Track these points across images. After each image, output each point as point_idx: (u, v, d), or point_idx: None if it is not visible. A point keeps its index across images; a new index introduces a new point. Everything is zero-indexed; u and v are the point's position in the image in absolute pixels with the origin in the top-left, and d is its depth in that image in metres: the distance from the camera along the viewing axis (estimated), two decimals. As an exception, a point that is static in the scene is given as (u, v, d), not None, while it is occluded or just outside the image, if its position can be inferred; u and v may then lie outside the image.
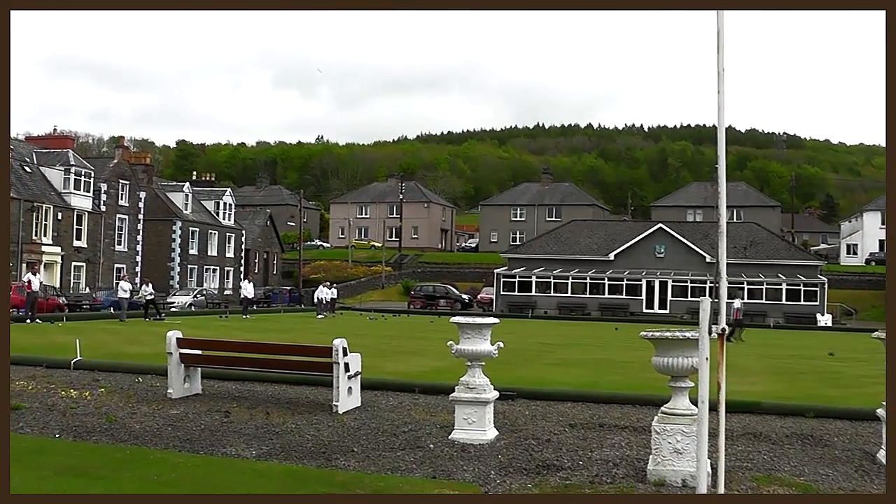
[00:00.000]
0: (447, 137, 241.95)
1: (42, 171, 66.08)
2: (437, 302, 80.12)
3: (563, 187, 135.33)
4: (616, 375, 20.51)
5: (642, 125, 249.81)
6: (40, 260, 58.24)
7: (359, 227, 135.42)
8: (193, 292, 71.18)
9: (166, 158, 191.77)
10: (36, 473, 8.79)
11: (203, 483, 8.52)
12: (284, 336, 33.64)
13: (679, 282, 75.20)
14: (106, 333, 32.40)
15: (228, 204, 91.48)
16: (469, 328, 11.42)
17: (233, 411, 13.36)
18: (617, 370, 22.22)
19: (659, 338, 8.85)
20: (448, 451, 10.60)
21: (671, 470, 8.81)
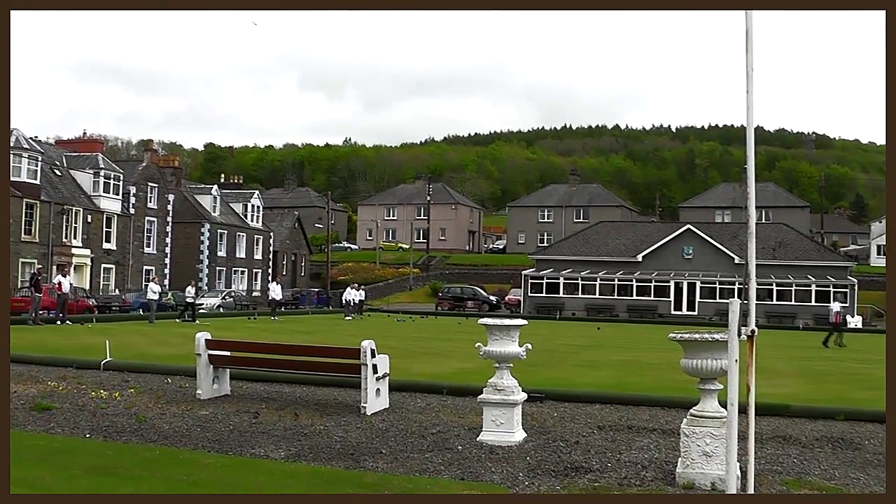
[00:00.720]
0: (474, 139, 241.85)
1: (72, 175, 66.50)
2: (464, 303, 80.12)
3: (590, 188, 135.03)
4: (644, 377, 20.45)
5: (670, 125, 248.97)
6: (70, 262, 58.57)
7: (386, 229, 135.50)
8: (222, 294, 71.43)
9: (194, 161, 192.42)
10: (67, 473, 8.85)
11: (232, 483, 8.55)
12: (312, 338, 33.71)
13: (707, 283, 74.83)
14: (135, 335, 32.59)
15: (256, 206, 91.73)
16: (497, 330, 11.42)
17: (261, 412, 13.40)
18: (645, 372, 22.15)
19: (688, 339, 8.83)
20: (476, 452, 10.60)
21: (700, 473, 8.77)
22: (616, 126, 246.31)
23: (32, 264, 58.24)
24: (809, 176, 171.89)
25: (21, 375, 17.63)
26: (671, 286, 75.97)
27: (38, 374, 18.10)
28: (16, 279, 56.98)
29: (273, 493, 8.25)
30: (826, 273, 74.16)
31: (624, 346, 34.74)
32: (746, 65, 6.91)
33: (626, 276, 77.26)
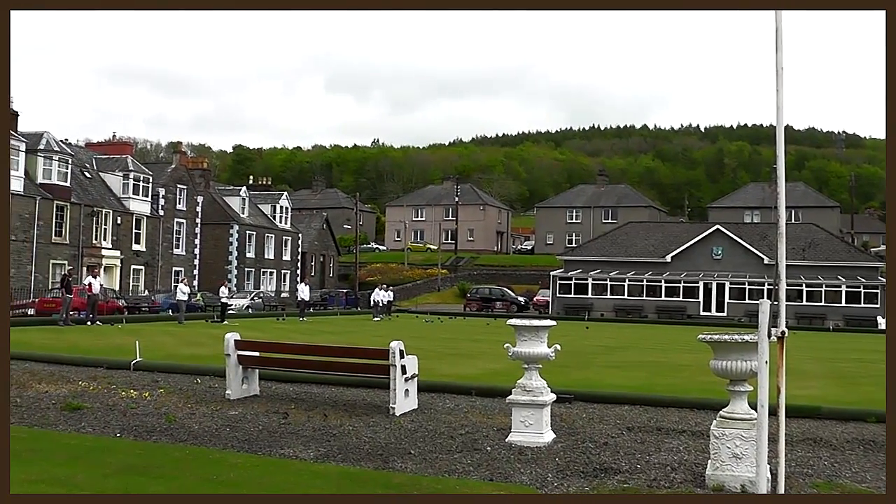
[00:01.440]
0: (502, 140, 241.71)
1: (102, 177, 66.92)
2: (492, 304, 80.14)
3: (619, 189, 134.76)
4: (673, 378, 20.37)
5: (699, 125, 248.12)
6: (100, 263, 58.91)
7: (415, 230, 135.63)
8: (251, 295, 71.68)
9: (223, 163, 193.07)
10: (98, 471, 8.90)
11: (261, 483, 8.57)
12: (341, 338, 33.77)
13: (737, 284, 74.50)
14: (164, 335, 32.72)
15: (285, 207, 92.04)
16: (526, 330, 11.40)
17: (291, 413, 13.43)
18: (674, 373, 22.08)
19: (717, 341, 8.79)
20: (505, 453, 10.59)
21: (730, 475, 8.73)
22: (644, 126, 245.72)
23: (63, 265, 58.61)
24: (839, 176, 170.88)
25: (52, 375, 17.74)
26: (700, 287, 75.71)
27: (68, 374, 18.21)
28: (47, 280, 57.38)
29: (302, 493, 8.28)
30: (856, 273, 73.67)
31: (653, 348, 34.63)
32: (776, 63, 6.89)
33: (654, 277, 77.04)
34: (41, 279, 57.05)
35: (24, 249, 56.11)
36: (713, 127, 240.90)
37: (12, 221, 54.96)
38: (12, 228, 54.99)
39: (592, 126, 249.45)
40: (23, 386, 15.99)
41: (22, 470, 8.80)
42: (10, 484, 8.17)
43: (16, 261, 55.19)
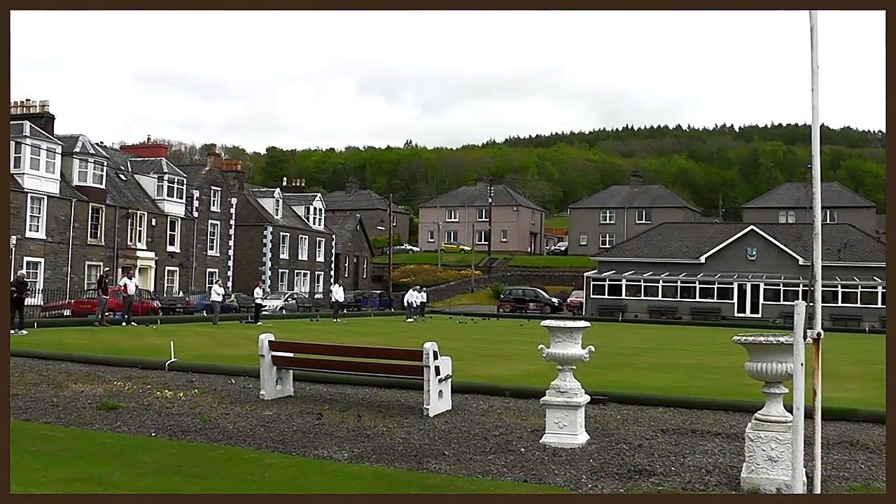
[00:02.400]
0: (535, 140, 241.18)
1: (136, 179, 67.34)
2: (526, 305, 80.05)
3: (652, 189, 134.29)
4: (707, 380, 20.29)
5: (733, 125, 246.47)
6: (135, 265, 59.26)
7: (448, 231, 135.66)
8: (284, 296, 71.89)
9: (256, 165, 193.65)
10: (134, 470, 8.97)
11: (296, 484, 8.60)
12: (375, 340, 33.84)
13: (771, 285, 74.05)
14: (199, 336, 32.89)
15: (318, 209, 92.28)
16: (560, 332, 11.39)
17: (324, 413, 13.47)
18: (708, 375, 22.00)
19: (752, 342, 8.75)
20: (539, 454, 10.59)
21: (765, 478, 8.68)
22: (678, 126, 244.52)
23: (98, 267, 59.00)
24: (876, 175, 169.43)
25: (88, 375, 17.88)
26: (734, 288, 75.32)
27: (104, 374, 18.36)
28: (82, 281, 57.79)
29: (337, 493, 8.30)
30: (893, 275, 72.91)
31: (687, 349, 34.51)
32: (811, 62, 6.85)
33: (688, 278, 76.72)
34: (77, 280, 57.45)
35: (61, 251, 56.52)
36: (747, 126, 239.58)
37: (48, 223, 55.41)
38: (48, 230, 55.42)
39: (626, 126, 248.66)
40: (59, 386, 16.12)
41: (59, 469, 8.89)
42: (48, 482, 8.26)
43: (52, 262, 55.62)
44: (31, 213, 54.20)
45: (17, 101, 60.59)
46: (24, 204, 53.74)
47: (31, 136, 54.84)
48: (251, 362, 17.54)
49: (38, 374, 17.92)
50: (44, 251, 55.10)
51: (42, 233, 55.06)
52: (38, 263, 54.58)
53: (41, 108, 59.88)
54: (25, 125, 55.53)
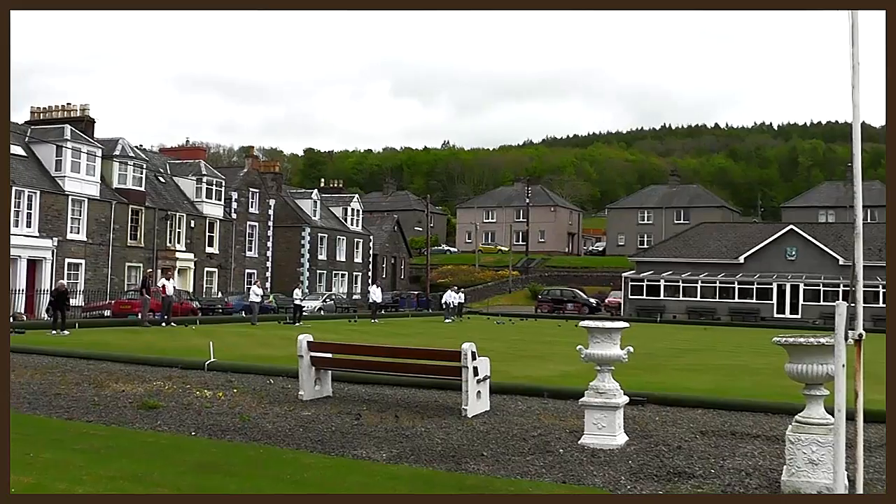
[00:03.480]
0: (572, 140, 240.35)
1: (175, 182, 67.74)
2: (564, 306, 79.87)
3: (690, 189, 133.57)
4: (747, 382, 20.21)
5: (771, 123, 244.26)
6: (174, 266, 59.59)
7: (485, 232, 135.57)
8: (322, 297, 72.09)
9: (294, 166, 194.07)
10: (175, 469, 9.06)
11: (335, 484, 8.64)
12: (413, 340, 33.89)
13: (811, 285, 73.46)
14: (238, 336, 33.09)
15: (356, 210, 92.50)
16: (598, 332, 11.38)
17: (363, 414, 13.52)
18: (748, 376, 21.90)
19: (793, 343, 8.70)
20: (578, 455, 10.58)
21: (806, 481, 8.62)
22: (716, 125, 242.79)
23: (138, 268, 59.42)
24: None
25: (128, 375, 18.04)
26: (774, 288, 74.81)
27: (144, 373, 18.52)
28: (122, 283, 58.20)
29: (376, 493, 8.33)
30: (936, 274, 72.24)
31: (726, 350, 34.36)
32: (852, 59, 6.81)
33: (727, 279, 76.26)
34: (117, 281, 57.84)
35: (101, 253, 56.92)
36: (786, 125, 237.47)
37: (88, 225, 55.81)
38: (89, 232, 55.83)
39: (664, 125, 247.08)
40: (100, 385, 16.27)
41: (101, 466, 8.98)
42: (91, 479, 8.34)
43: (92, 264, 56.02)
44: (71, 216, 54.62)
45: (57, 105, 61.10)
46: (65, 206, 54.18)
47: (72, 140, 55.28)
48: (290, 363, 17.62)
49: (79, 374, 18.09)
50: (84, 253, 55.49)
51: (83, 235, 55.46)
52: (79, 265, 54.98)
53: (82, 111, 60.29)
54: (66, 128, 56.01)
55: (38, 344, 25.34)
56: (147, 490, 8.09)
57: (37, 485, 8.08)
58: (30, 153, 54.75)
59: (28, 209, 51.36)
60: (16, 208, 50.52)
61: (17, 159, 53.06)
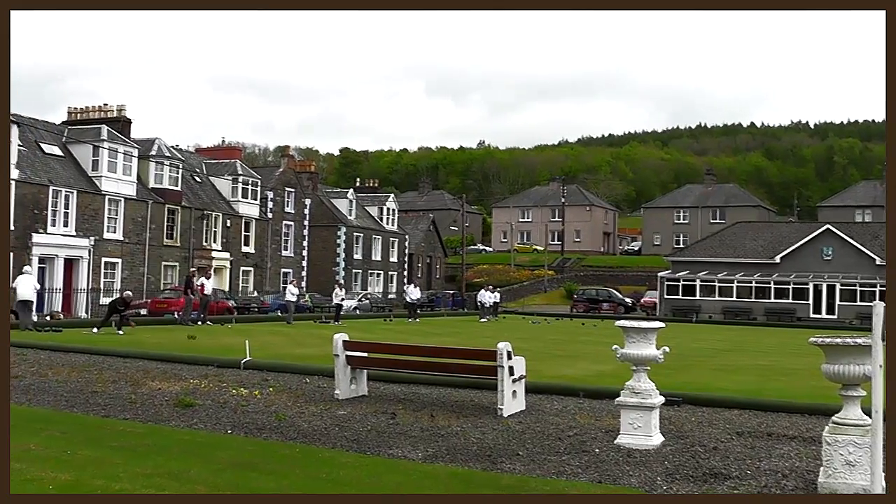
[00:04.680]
0: (608, 140, 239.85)
1: (211, 181, 68.11)
2: (599, 305, 79.76)
3: (726, 188, 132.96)
4: (783, 383, 20.08)
5: (808, 122, 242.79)
6: (210, 265, 59.92)
7: (521, 231, 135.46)
8: (358, 296, 72.23)
9: (330, 166, 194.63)
10: (211, 467, 9.11)
11: (371, 483, 8.66)
12: (448, 339, 33.89)
13: (848, 285, 72.89)
14: (273, 335, 33.18)
15: (392, 209, 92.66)
16: (634, 332, 11.36)
17: (399, 413, 13.53)
18: (784, 377, 21.77)
19: (829, 344, 8.63)
20: (613, 455, 10.56)
21: (843, 483, 8.55)
22: (752, 124, 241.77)
23: (175, 268, 59.84)
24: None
25: (165, 373, 18.15)
26: (810, 288, 74.31)
27: (180, 372, 18.62)
28: (158, 281, 58.55)
29: (412, 493, 8.35)
30: (974, 274, 71.53)
31: (762, 351, 34.18)
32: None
33: (763, 279, 75.85)
34: (153, 280, 58.20)
35: (137, 252, 57.31)
36: (823, 123, 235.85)
37: (125, 225, 56.20)
38: (125, 231, 56.20)
39: (699, 124, 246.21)
40: (137, 383, 16.37)
41: (138, 464, 9.05)
42: (128, 476, 8.40)
43: (128, 263, 56.41)
44: (108, 215, 55.02)
45: (94, 106, 61.54)
46: (102, 206, 54.59)
47: (109, 140, 55.70)
48: (325, 362, 17.67)
49: (115, 372, 18.20)
50: (121, 252, 55.88)
51: (119, 234, 55.86)
52: (116, 264, 55.37)
53: (118, 112, 60.70)
54: (103, 129, 56.46)
55: (77, 342, 25.52)
56: (183, 487, 8.15)
57: (75, 482, 8.15)
58: (67, 153, 55.22)
59: (65, 209, 51.81)
60: (53, 208, 50.99)
61: (55, 159, 53.55)
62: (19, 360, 20.19)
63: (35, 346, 23.70)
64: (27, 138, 52.38)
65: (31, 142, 52.81)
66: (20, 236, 48.59)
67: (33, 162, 51.48)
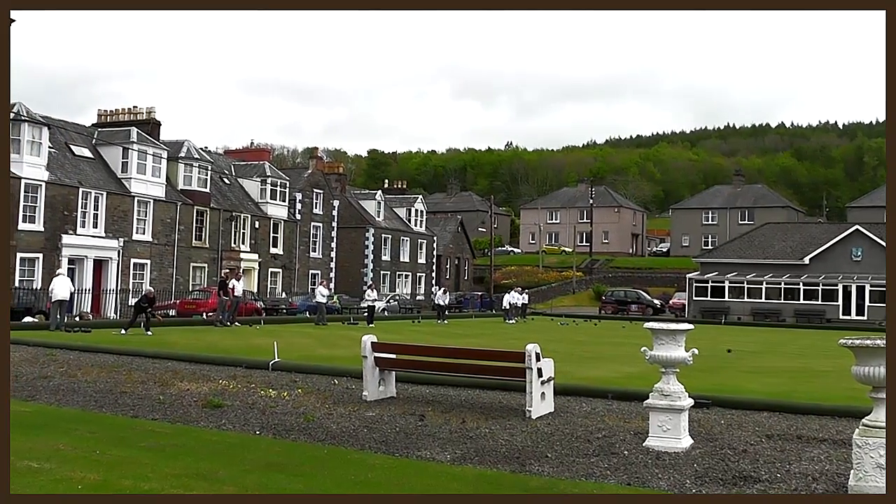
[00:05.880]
0: (636, 141, 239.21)
1: (240, 183, 68.33)
2: (628, 307, 79.61)
3: (755, 189, 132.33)
4: (812, 385, 19.97)
5: (836, 122, 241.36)
6: (239, 266, 60.11)
7: (549, 233, 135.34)
8: (386, 297, 72.30)
9: (358, 167, 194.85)
10: (239, 467, 9.14)
11: (399, 484, 8.67)
12: (476, 341, 33.90)
13: (878, 287, 72.28)
14: (302, 336, 33.28)
15: (420, 211, 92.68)
16: (663, 334, 11.32)
17: (427, 415, 13.53)
18: (814, 379, 21.66)
19: (859, 346, 8.57)
20: (642, 458, 10.53)
21: (874, 486, 8.48)
22: (780, 124, 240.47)
23: (203, 268, 60.07)
24: None
25: (193, 374, 18.22)
26: (839, 290, 73.84)
27: (209, 373, 18.69)
28: (187, 282, 58.79)
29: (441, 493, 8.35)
30: None
31: (792, 353, 34.00)
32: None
33: (792, 280, 75.46)
34: (182, 281, 58.43)
35: (166, 253, 57.56)
36: (852, 123, 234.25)
37: (154, 226, 56.47)
38: (154, 233, 56.46)
39: (727, 125, 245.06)
40: (166, 384, 16.44)
41: (167, 464, 9.09)
42: (157, 477, 8.44)
43: (157, 264, 56.66)
44: (137, 217, 55.27)
45: (124, 108, 61.91)
46: (131, 207, 54.85)
47: (138, 142, 55.98)
48: (354, 363, 17.69)
49: (144, 373, 18.29)
50: (150, 253, 56.14)
51: (148, 235, 56.11)
52: (145, 265, 55.63)
53: (147, 114, 61.02)
54: (132, 131, 56.78)
55: (106, 343, 25.66)
56: (212, 488, 8.18)
57: (104, 482, 8.20)
58: (97, 155, 55.53)
59: (95, 210, 52.09)
60: (83, 209, 51.26)
61: (85, 161, 53.86)
62: (49, 360, 20.34)
63: (64, 347, 23.87)
64: (57, 140, 52.71)
65: (61, 144, 53.14)
66: (50, 237, 48.92)
67: (63, 164, 51.80)
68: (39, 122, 49.21)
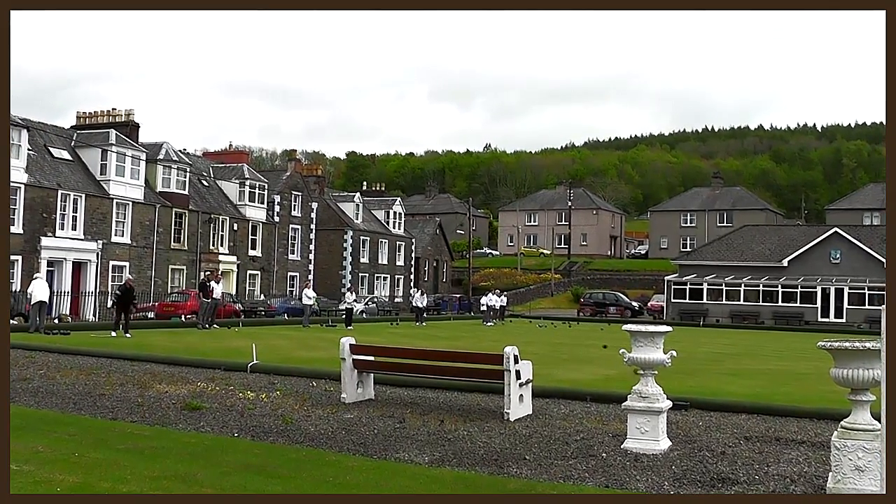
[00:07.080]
0: (614, 143, 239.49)
1: (219, 185, 68.20)
2: (606, 309, 79.76)
3: (734, 191, 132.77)
4: (791, 387, 20.05)
5: (815, 124, 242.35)
6: (217, 268, 59.94)
7: (528, 235, 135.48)
8: (365, 300, 72.26)
9: (337, 170, 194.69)
10: (218, 470, 9.14)
11: (377, 486, 8.68)
12: (455, 343, 33.89)
13: (856, 289, 72.60)
14: (280, 338, 33.24)
15: (398, 213, 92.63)
16: (641, 336, 11.35)
17: (406, 417, 13.53)
18: (792, 381, 21.73)
19: (838, 348, 8.60)
20: (621, 460, 10.54)
21: (852, 488, 8.50)
22: (759, 126, 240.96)
23: (182, 271, 59.92)
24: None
25: (172, 376, 18.17)
26: (818, 292, 74.07)
27: (187, 375, 18.65)
28: (166, 285, 58.65)
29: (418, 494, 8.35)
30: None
31: (770, 355, 34.12)
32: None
33: (771, 282, 75.68)
34: (161, 284, 58.27)
35: (145, 255, 57.39)
36: (830, 126, 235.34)
37: (133, 228, 56.29)
38: (133, 235, 56.29)
39: (706, 127, 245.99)
40: (144, 386, 16.40)
41: (146, 466, 9.07)
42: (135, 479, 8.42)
43: (136, 266, 56.46)
44: (116, 219, 55.10)
45: (103, 111, 61.69)
46: (110, 209, 54.67)
47: (117, 144, 55.80)
48: (332, 365, 17.68)
49: (123, 375, 18.24)
50: (128, 255, 55.96)
51: (127, 237, 55.94)
52: (123, 267, 55.39)
53: (126, 116, 60.80)
54: (111, 133, 56.62)
55: (84, 345, 25.57)
56: (190, 490, 8.17)
57: (83, 484, 8.19)
58: (76, 157, 55.32)
59: (73, 212, 51.91)
60: (62, 211, 51.08)
61: (64, 163, 53.64)
62: (28, 362, 20.25)
63: (43, 349, 23.78)
64: (36, 142, 52.50)
65: (40, 146, 52.92)
66: (29, 240, 48.71)
67: (42, 166, 51.59)
68: (18, 124, 48.98)
